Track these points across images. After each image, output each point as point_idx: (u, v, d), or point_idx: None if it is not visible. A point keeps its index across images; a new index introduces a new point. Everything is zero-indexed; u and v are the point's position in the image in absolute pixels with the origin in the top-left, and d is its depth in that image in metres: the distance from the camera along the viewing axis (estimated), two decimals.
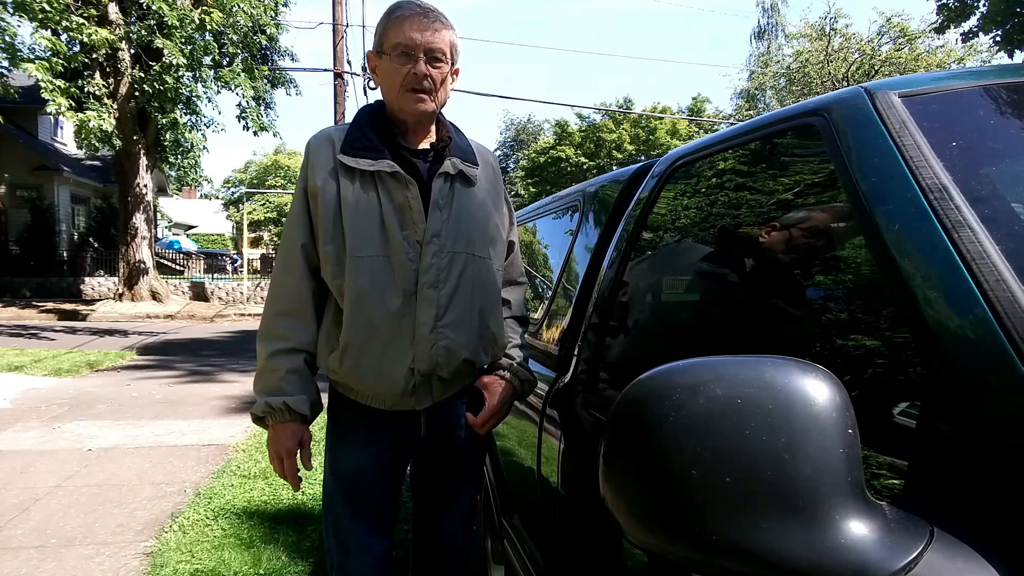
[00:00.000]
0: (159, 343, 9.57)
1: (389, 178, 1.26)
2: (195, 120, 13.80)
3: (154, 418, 4.81)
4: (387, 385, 1.27)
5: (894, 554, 0.45)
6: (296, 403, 1.28)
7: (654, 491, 0.50)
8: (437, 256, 1.27)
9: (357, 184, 1.27)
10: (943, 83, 0.81)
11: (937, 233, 0.61)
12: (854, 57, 20.37)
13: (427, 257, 1.27)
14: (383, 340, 1.26)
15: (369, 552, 1.36)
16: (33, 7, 9.73)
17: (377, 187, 1.27)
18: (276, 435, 1.30)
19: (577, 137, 30.05)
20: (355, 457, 1.36)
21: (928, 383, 0.58)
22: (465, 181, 1.34)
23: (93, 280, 16.41)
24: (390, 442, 1.36)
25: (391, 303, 1.25)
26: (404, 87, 1.26)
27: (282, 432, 1.29)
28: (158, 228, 22.23)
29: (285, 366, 1.29)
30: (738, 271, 1.00)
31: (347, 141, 1.29)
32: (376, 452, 1.35)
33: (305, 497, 3.18)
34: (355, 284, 1.25)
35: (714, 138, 1.16)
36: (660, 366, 0.54)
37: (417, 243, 1.27)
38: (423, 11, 1.26)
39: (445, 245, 1.28)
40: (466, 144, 1.39)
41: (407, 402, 1.31)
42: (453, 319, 1.29)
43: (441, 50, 1.26)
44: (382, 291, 1.25)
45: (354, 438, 1.36)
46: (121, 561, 2.53)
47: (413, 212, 1.26)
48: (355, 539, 1.36)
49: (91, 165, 19.66)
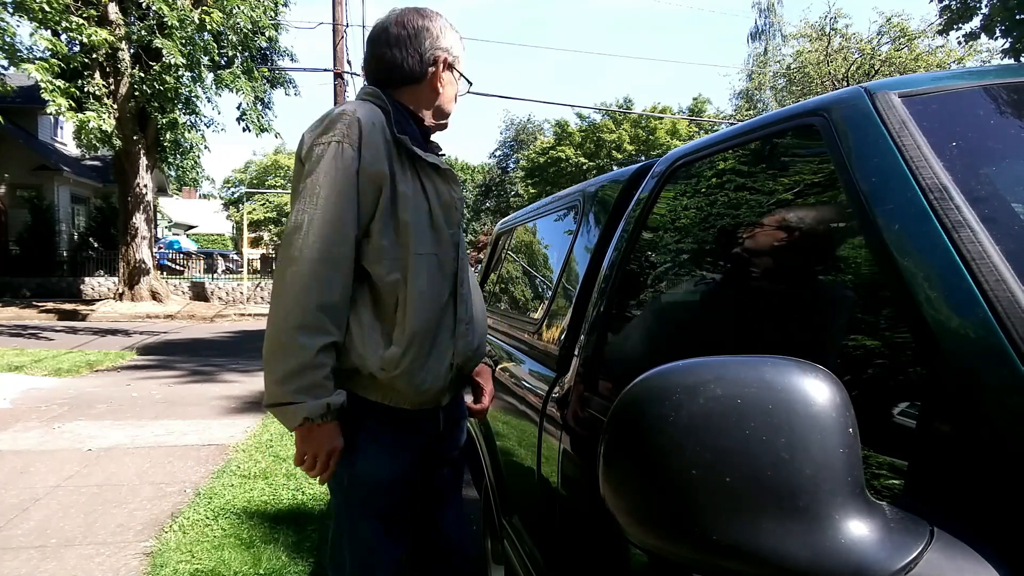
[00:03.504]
0: (159, 343, 9.57)
1: (435, 174, 1.26)
2: (195, 120, 13.79)
3: (154, 418, 4.81)
4: (435, 381, 1.28)
5: (894, 554, 0.45)
6: (339, 400, 1.21)
7: (654, 491, 0.50)
8: (463, 255, 1.35)
9: (409, 175, 1.23)
10: (943, 83, 0.81)
11: (937, 233, 0.61)
12: (854, 57, 20.37)
13: (461, 257, 1.34)
14: (437, 339, 1.28)
15: (389, 561, 1.32)
16: (33, 7, 9.73)
17: (422, 181, 1.25)
18: (322, 435, 1.21)
19: (577, 137, 30.06)
20: (380, 464, 1.29)
21: (928, 383, 0.58)
22: None
23: (93, 280, 16.40)
24: (416, 443, 1.33)
25: (443, 302, 1.29)
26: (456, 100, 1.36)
27: (329, 431, 1.21)
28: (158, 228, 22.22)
29: (330, 363, 1.19)
30: (738, 271, 1.00)
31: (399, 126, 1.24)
32: (402, 456, 1.31)
33: (305, 497, 3.18)
34: (416, 282, 1.22)
35: (714, 138, 1.16)
36: (660, 366, 0.54)
37: (454, 243, 1.31)
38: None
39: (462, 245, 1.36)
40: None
41: (440, 398, 1.33)
42: (473, 314, 1.39)
43: None
44: (439, 290, 1.27)
45: (379, 443, 1.29)
46: (121, 561, 2.53)
47: (456, 211, 1.31)
48: (376, 550, 1.31)
49: (91, 165, 19.65)
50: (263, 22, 12.67)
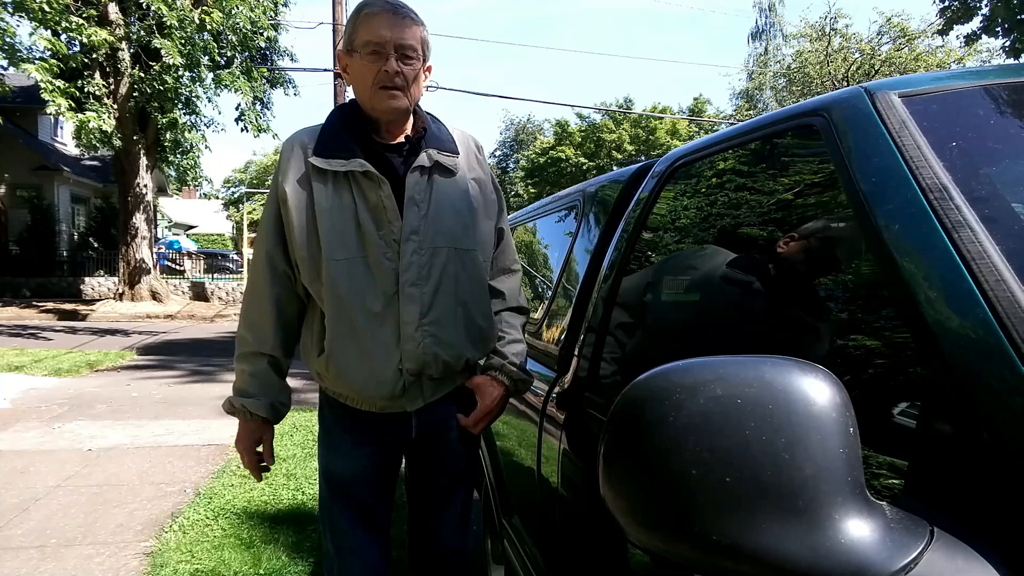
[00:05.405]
0: (159, 343, 9.57)
1: (362, 177, 1.24)
2: (195, 120, 13.78)
3: (154, 418, 4.81)
4: (376, 388, 1.26)
5: (894, 554, 0.45)
6: (253, 405, 1.33)
7: (654, 491, 0.50)
8: (417, 253, 1.26)
9: (330, 186, 1.25)
10: (943, 83, 0.81)
11: (937, 233, 0.61)
12: (854, 57, 20.37)
13: (407, 255, 1.25)
14: (368, 343, 1.25)
15: (361, 555, 1.36)
16: (33, 7, 9.73)
17: (352, 187, 1.25)
18: (239, 432, 1.38)
19: (577, 137, 30.06)
20: (345, 460, 1.36)
21: (928, 383, 0.58)
22: (444, 172, 1.31)
23: (93, 280, 16.40)
24: (381, 445, 1.35)
25: (372, 305, 1.25)
26: (376, 85, 1.23)
27: (243, 430, 1.37)
28: (158, 228, 22.21)
29: (248, 369, 1.35)
30: (738, 271, 1.00)
31: (320, 142, 1.27)
32: (367, 455, 1.35)
33: (305, 497, 3.18)
34: (334, 287, 1.24)
35: (714, 138, 1.16)
36: (660, 366, 0.54)
37: (395, 241, 1.25)
38: (392, 8, 1.24)
39: (424, 241, 1.27)
40: (444, 133, 1.36)
41: (398, 403, 1.30)
42: (438, 315, 1.28)
43: (412, 47, 1.24)
44: (362, 293, 1.24)
45: (344, 441, 1.36)
46: (121, 561, 2.53)
47: (387, 211, 1.25)
48: (349, 543, 1.36)
49: (91, 165, 19.65)
50: (263, 22, 12.66)
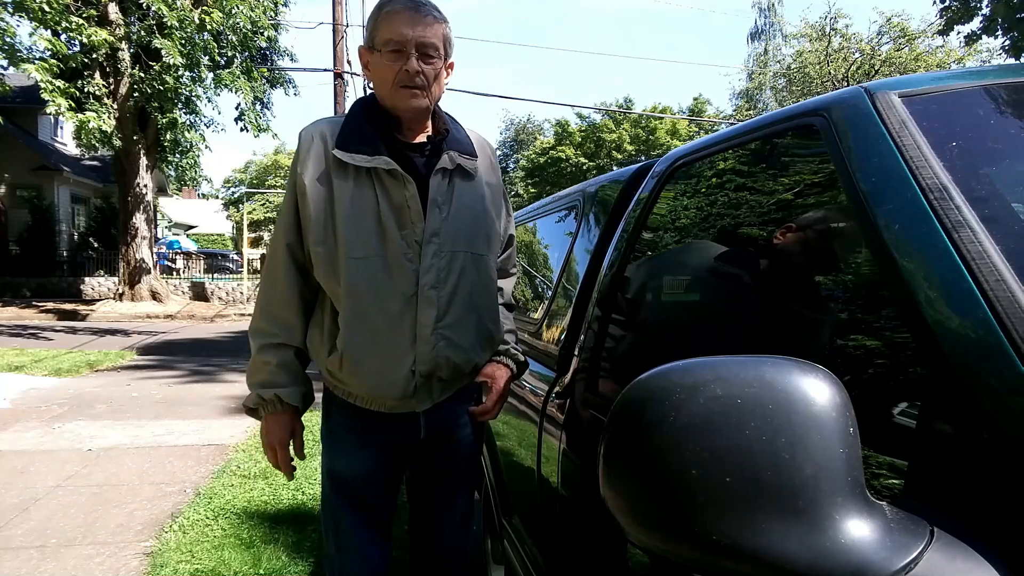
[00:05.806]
0: (159, 343, 9.57)
1: (386, 175, 1.22)
2: (195, 120, 13.78)
3: (154, 418, 4.81)
4: (389, 388, 1.26)
5: (894, 554, 0.45)
6: (287, 395, 1.30)
7: (654, 491, 0.50)
8: (437, 256, 1.25)
9: (351, 181, 1.23)
10: (943, 83, 0.81)
11: (937, 233, 0.61)
12: (854, 57, 20.37)
13: (427, 257, 1.24)
14: (384, 344, 1.24)
15: (365, 556, 1.36)
16: (33, 7, 9.72)
17: (374, 184, 1.23)
18: (269, 426, 1.32)
19: (577, 137, 30.03)
20: (350, 460, 1.35)
21: (928, 383, 0.58)
22: (464, 175, 1.31)
23: (93, 280, 16.40)
24: (387, 444, 1.34)
25: (391, 306, 1.23)
26: (397, 84, 1.22)
27: (274, 423, 1.32)
28: (158, 228, 22.20)
29: (275, 360, 1.30)
30: (738, 271, 1.00)
31: (343, 135, 1.24)
32: (372, 455, 1.34)
33: (305, 497, 3.18)
34: (352, 286, 1.22)
35: (714, 138, 1.16)
36: (660, 366, 0.54)
37: (416, 243, 1.24)
38: (414, 5, 1.22)
39: (445, 244, 1.26)
40: (464, 136, 1.35)
41: (408, 404, 1.29)
42: (454, 319, 1.27)
43: (434, 45, 1.22)
44: (381, 294, 1.23)
45: (350, 441, 1.34)
46: (121, 561, 2.53)
47: (411, 212, 1.23)
48: (352, 543, 1.35)
49: (91, 165, 19.64)
50: (263, 22, 12.66)
